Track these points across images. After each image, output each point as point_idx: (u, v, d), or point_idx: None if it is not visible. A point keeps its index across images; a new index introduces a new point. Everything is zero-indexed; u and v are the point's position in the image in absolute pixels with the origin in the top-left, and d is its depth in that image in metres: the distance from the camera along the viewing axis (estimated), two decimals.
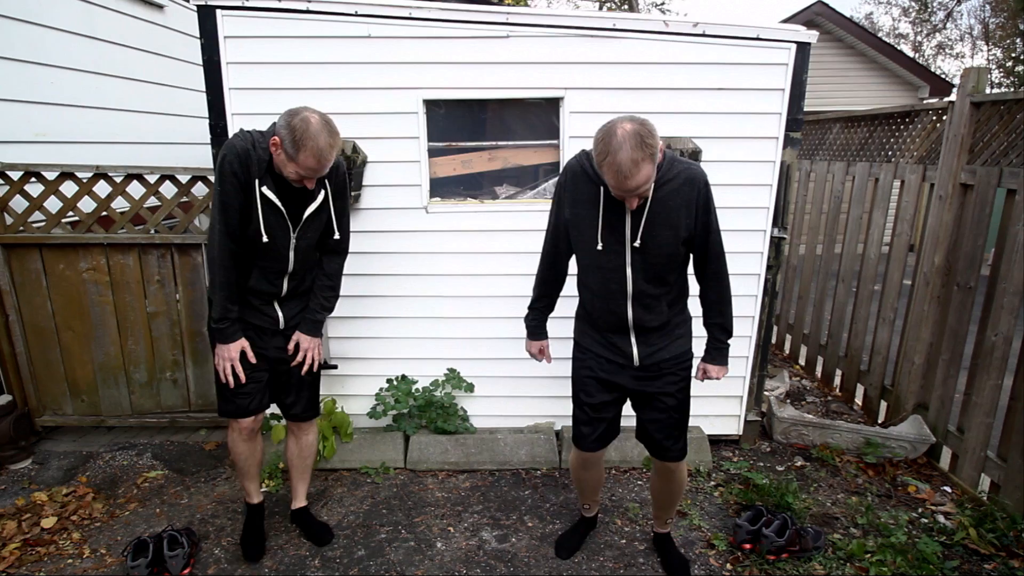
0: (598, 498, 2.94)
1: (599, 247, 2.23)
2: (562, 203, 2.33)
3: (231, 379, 2.51)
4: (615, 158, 1.93)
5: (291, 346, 2.65)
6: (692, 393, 2.51)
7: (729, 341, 2.43)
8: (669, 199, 2.16)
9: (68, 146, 4.09)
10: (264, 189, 2.32)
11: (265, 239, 2.38)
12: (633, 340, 2.37)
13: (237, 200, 2.32)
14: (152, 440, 3.85)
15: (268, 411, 2.81)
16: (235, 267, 2.43)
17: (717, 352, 2.44)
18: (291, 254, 2.48)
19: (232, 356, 2.50)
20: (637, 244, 2.18)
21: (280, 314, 2.60)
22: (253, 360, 2.55)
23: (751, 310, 3.53)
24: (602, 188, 2.18)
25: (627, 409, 2.60)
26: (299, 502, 3.00)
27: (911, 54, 23.40)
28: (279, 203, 2.36)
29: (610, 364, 2.43)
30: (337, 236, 2.57)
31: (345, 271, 3.41)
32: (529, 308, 2.66)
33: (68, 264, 3.60)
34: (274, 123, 2.29)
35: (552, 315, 2.68)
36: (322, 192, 2.45)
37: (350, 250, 3.38)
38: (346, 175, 2.58)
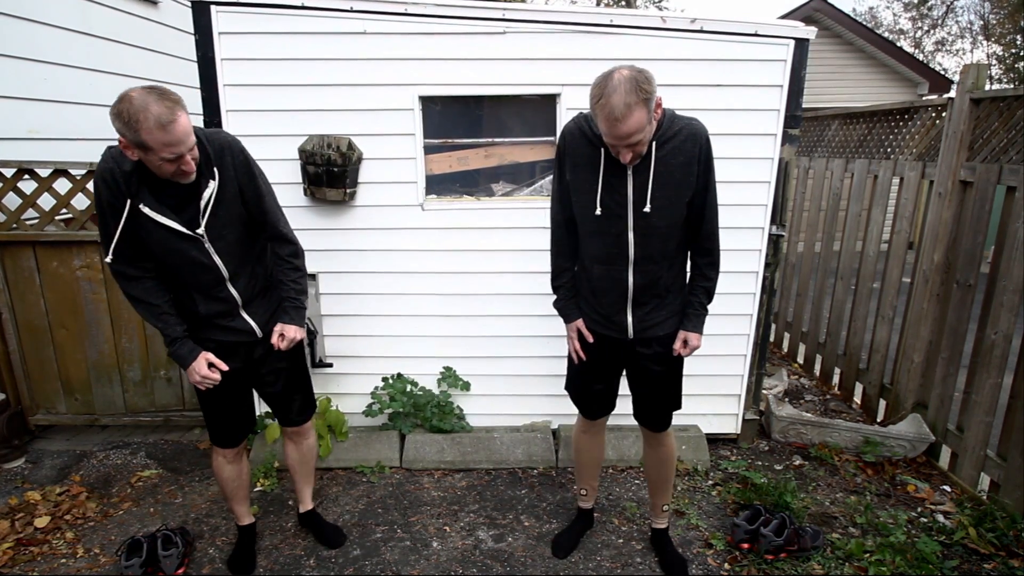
0: (595, 484, 2.92)
1: (597, 212, 2.19)
2: (563, 167, 2.29)
3: (208, 386, 2.31)
4: (608, 100, 1.90)
5: (275, 338, 2.40)
6: (689, 392, 2.50)
7: (709, 308, 2.40)
8: (671, 157, 2.12)
9: (62, 143, 4.06)
10: (141, 207, 2.05)
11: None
12: (629, 311, 2.35)
13: (117, 225, 2.07)
14: (146, 439, 3.83)
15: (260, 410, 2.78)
16: (156, 293, 2.23)
17: (697, 318, 2.38)
18: (216, 259, 2.21)
19: (203, 372, 2.26)
20: (647, 209, 2.14)
21: (252, 323, 2.39)
22: (224, 367, 2.31)
23: (749, 308, 3.51)
24: (602, 150, 2.14)
25: (621, 408, 2.60)
26: (306, 505, 2.96)
27: (911, 50, 23.37)
28: (161, 218, 2.07)
29: (605, 339, 2.45)
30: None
31: (340, 269, 3.42)
32: (554, 289, 2.54)
33: (62, 262, 3.58)
34: None
35: (544, 312, 2.65)
36: (211, 182, 2.12)
37: (346, 248, 3.39)
38: (245, 156, 2.23)
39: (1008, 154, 3.15)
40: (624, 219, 2.20)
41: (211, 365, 2.30)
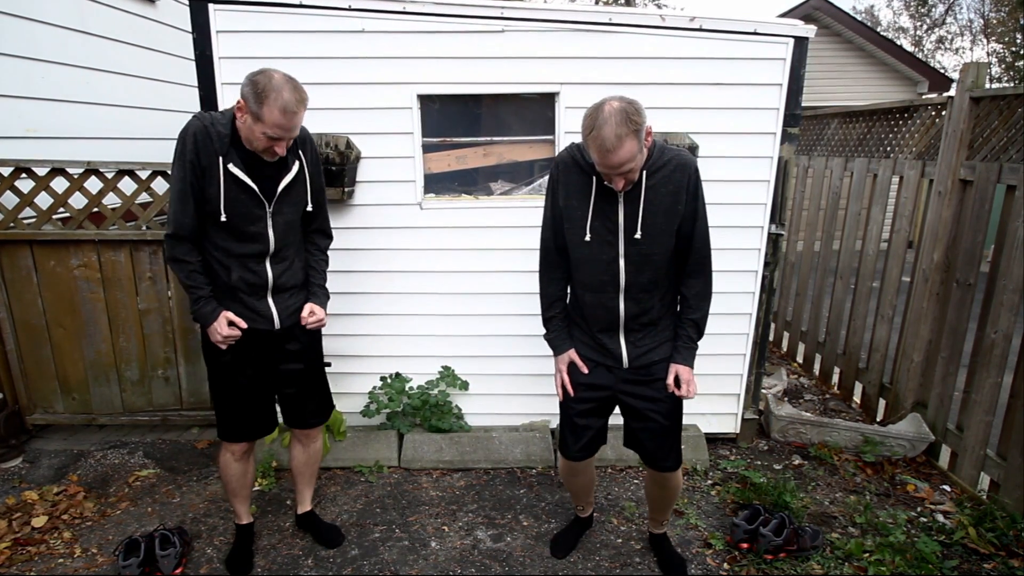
0: (591, 499, 2.91)
1: (587, 238, 2.21)
2: (556, 196, 2.30)
3: (231, 342, 2.40)
4: (600, 132, 1.94)
5: (305, 312, 2.53)
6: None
7: (699, 343, 2.37)
8: (661, 186, 2.15)
9: (59, 142, 4.05)
10: (230, 166, 2.22)
11: (224, 218, 2.26)
12: (622, 339, 2.34)
13: (198, 183, 2.23)
14: (144, 438, 3.82)
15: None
16: (192, 253, 2.33)
17: (687, 351, 2.34)
18: (270, 232, 2.36)
19: (224, 331, 2.35)
20: (638, 236, 2.16)
21: (274, 310, 2.45)
22: (244, 325, 2.39)
23: (748, 307, 3.51)
24: (594, 178, 2.16)
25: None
26: (305, 506, 2.95)
27: (911, 49, 23.36)
28: (248, 179, 2.26)
29: (598, 368, 2.40)
30: (310, 207, 2.47)
31: (338, 268, 3.40)
32: (545, 323, 2.49)
33: (59, 261, 3.56)
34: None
35: (537, 315, 2.59)
36: (296, 163, 2.36)
37: (345, 247, 3.38)
38: (317, 151, 2.52)
39: (1008, 153, 3.15)
40: (615, 246, 2.21)
41: (231, 324, 2.39)
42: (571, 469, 2.64)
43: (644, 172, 2.14)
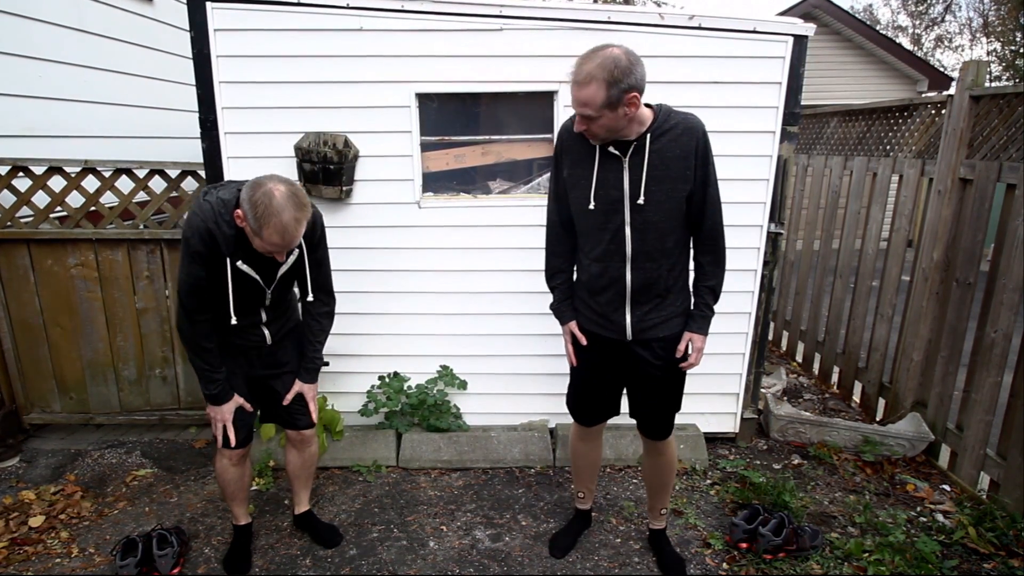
0: (593, 487, 2.90)
1: (591, 206, 2.19)
2: (560, 164, 2.30)
3: (221, 439, 2.50)
4: (579, 65, 1.99)
5: (289, 396, 2.61)
6: (687, 390, 2.47)
7: (715, 308, 2.37)
8: (667, 150, 2.12)
9: (56, 140, 4.03)
10: (239, 264, 2.23)
11: (234, 321, 2.31)
12: (628, 311, 2.32)
13: (206, 278, 2.23)
14: (141, 438, 3.81)
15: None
16: (210, 337, 2.36)
17: (702, 319, 2.35)
18: (267, 300, 2.43)
19: (226, 417, 2.46)
20: (640, 201, 2.14)
21: (267, 333, 2.51)
22: (250, 410, 2.54)
23: (747, 306, 3.50)
24: (597, 146, 2.16)
25: (623, 409, 2.57)
26: (302, 507, 2.95)
27: (910, 47, 23.34)
28: (253, 273, 2.28)
29: (600, 339, 2.41)
30: (311, 298, 2.49)
31: (337, 267, 3.39)
32: (550, 289, 2.53)
33: (56, 260, 3.55)
34: (238, 189, 2.16)
35: (541, 311, 2.62)
36: (295, 252, 2.35)
37: (343, 246, 3.37)
38: (323, 231, 2.46)
39: (1008, 151, 3.14)
40: (620, 213, 2.19)
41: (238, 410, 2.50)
42: (582, 434, 2.67)
43: (648, 135, 2.10)
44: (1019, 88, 3.08)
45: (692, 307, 2.37)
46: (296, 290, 2.58)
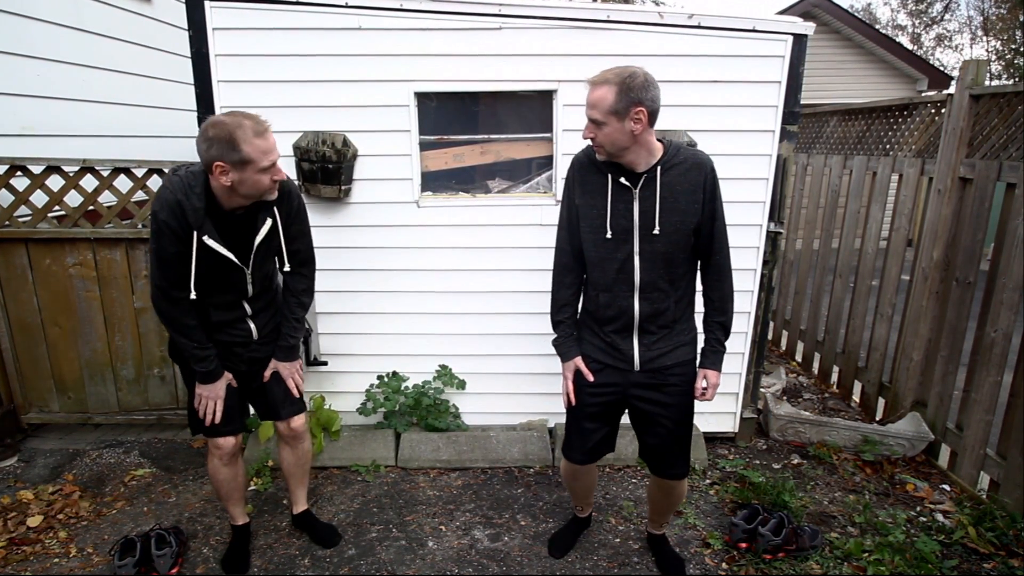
0: (591, 501, 2.90)
1: (608, 235, 2.20)
2: (572, 195, 2.31)
3: (210, 416, 2.45)
4: (602, 71, 2.09)
5: (267, 374, 2.58)
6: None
7: (727, 344, 2.37)
8: (676, 183, 2.15)
9: (54, 139, 4.02)
10: (205, 239, 2.17)
11: (193, 295, 2.24)
12: (636, 341, 2.31)
13: (176, 253, 2.17)
14: (139, 437, 3.81)
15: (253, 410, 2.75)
16: (191, 313, 2.31)
17: (715, 355, 2.35)
18: (249, 284, 2.38)
19: (219, 394, 2.44)
20: (656, 231, 2.16)
21: (253, 327, 2.49)
22: (235, 385, 2.51)
23: (747, 306, 3.49)
24: (609, 176, 2.18)
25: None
26: (300, 506, 2.94)
27: (910, 46, 23.33)
28: (222, 250, 2.22)
29: (608, 369, 2.37)
30: (287, 268, 2.45)
31: (335, 266, 3.40)
32: (554, 325, 2.45)
33: (54, 259, 3.55)
34: (198, 162, 2.13)
35: (540, 310, 2.60)
36: (268, 220, 2.30)
37: (341, 245, 3.37)
38: (301, 201, 2.44)
39: (1008, 151, 3.13)
40: (630, 243, 2.20)
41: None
42: (573, 472, 2.62)
43: (659, 168, 2.14)
44: (1019, 87, 3.07)
45: (704, 343, 2.37)
46: (280, 280, 2.58)
